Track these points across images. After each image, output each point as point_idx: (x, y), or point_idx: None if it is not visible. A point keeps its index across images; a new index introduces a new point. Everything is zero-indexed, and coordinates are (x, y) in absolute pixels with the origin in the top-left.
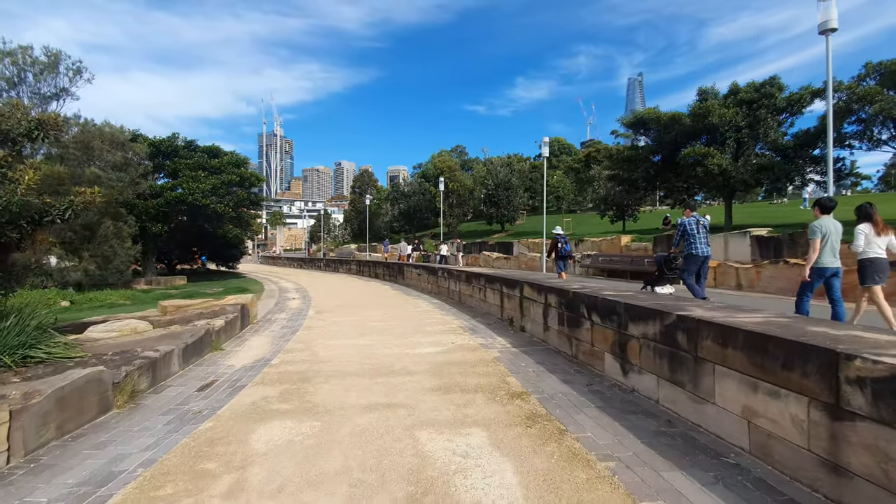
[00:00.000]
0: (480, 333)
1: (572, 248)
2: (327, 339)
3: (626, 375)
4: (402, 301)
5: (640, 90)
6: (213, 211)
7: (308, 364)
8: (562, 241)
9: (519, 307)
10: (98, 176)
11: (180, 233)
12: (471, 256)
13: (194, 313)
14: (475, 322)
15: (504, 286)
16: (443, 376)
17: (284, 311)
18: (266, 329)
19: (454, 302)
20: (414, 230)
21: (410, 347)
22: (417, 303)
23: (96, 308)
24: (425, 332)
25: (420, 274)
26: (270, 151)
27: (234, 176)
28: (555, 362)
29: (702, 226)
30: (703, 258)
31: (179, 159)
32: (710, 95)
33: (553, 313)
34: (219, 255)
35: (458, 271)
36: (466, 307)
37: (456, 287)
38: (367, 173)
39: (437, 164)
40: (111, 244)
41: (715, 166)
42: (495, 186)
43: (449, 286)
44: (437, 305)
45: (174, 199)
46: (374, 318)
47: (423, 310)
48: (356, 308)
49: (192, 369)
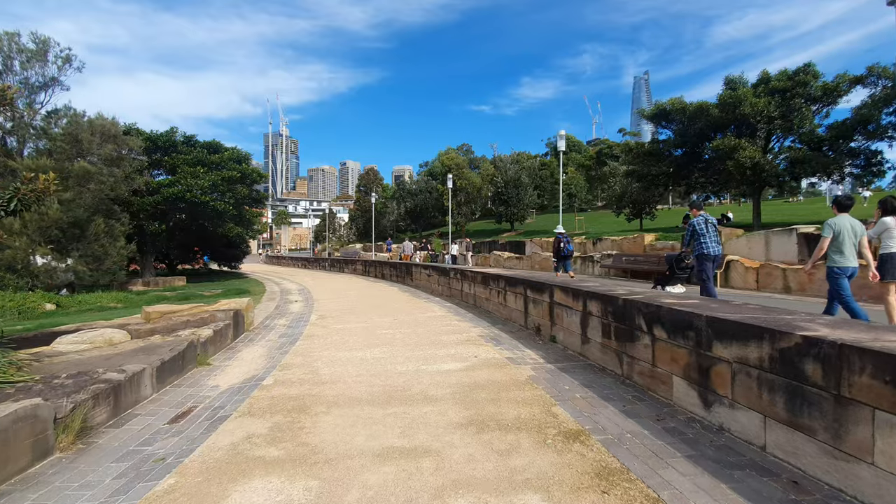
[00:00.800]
0: (504, 344)
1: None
2: (330, 351)
3: (707, 408)
4: (412, 305)
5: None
6: (212, 209)
7: (307, 385)
8: (564, 241)
9: (548, 314)
10: (87, 170)
11: (179, 232)
12: (480, 256)
13: (180, 321)
14: (496, 330)
15: (529, 290)
16: (471, 404)
17: (285, 315)
18: (262, 338)
19: (469, 306)
20: (420, 229)
21: (427, 362)
22: (429, 307)
23: (83, 312)
24: (442, 342)
25: (430, 275)
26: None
27: (235, 172)
28: (604, 385)
29: (711, 224)
30: (714, 257)
31: (178, 155)
32: (738, 84)
33: (595, 323)
34: (221, 254)
35: (473, 272)
36: (483, 312)
37: (470, 290)
38: (372, 172)
39: (445, 161)
40: (102, 243)
41: (747, 159)
42: (505, 184)
43: (462, 288)
44: (451, 310)
45: (172, 196)
46: (382, 324)
47: (436, 315)
48: (362, 313)
49: (169, 392)
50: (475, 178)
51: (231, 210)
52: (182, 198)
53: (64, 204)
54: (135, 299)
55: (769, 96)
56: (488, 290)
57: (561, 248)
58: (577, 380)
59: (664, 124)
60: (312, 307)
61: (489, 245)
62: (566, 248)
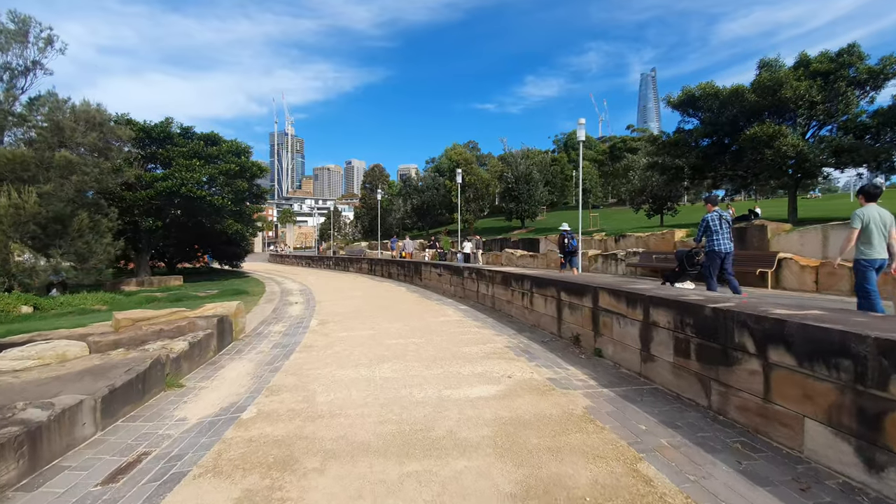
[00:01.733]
0: (539, 358)
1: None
2: (331, 369)
3: (876, 472)
4: (423, 307)
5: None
6: (209, 204)
7: (298, 421)
8: (568, 237)
9: (590, 322)
10: (70, 161)
11: (176, 228)
12: (491, 254)
13: (151, 331)
14: (524, 339)
15: (564, 293)
16: (522, 456)
17: (282, 320)
18: (252, 349)
19: (486, 309)
20: (427, 227)
21: (450, 385)
22: (442, 310)
23: (62, 316)
24: (464, 355)
25: (441, 274)
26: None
27: (234, 165)
28: (690, 422)
29: (725, 221)
30: (724, 254)
31: (173, 147)
32: (774, 67)
33: (663, 337)
34: (221, 252)
35: (491, 271)
36: (504, 316)
37: (488, 291)
38: (378, 168)
39: (453, 157)
40: (87, 240)
41: (789, 147)
42: (515, 180)
43: (479, 289)
44: (467, 313)
45: (165, 191)
46: (392, 331)
47: (452, 320)
48: (369, 317)
49: (120, 429)
50: (484, 174)
51: (230, 205)
52: (177, 192)
53: (44, 197)
54: (123, 301)
55: (810, 80)
56: (510, 292)
57: (565, 245)
58: (650, 414)
59: (691, 112)
60: (314, 310)
61: (500, 243)
62: (570, 244)
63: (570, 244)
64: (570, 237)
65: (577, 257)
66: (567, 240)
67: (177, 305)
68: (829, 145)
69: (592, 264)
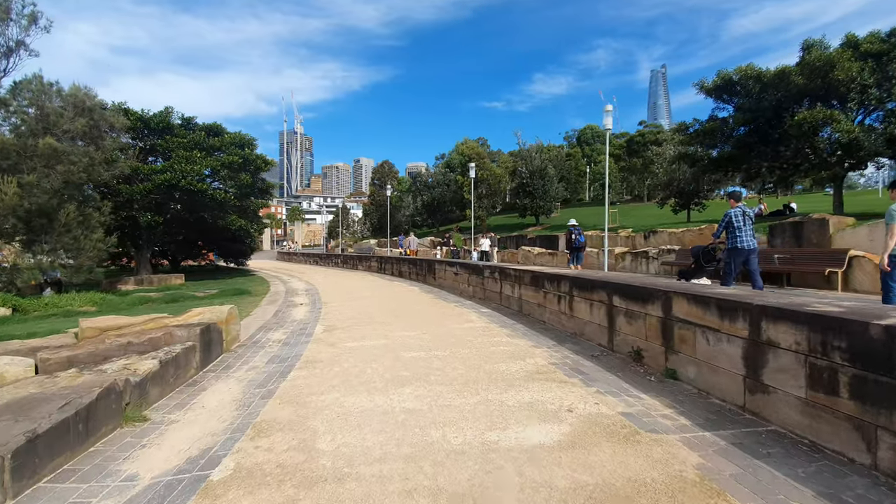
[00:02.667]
0: (598, 381)
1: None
2: (337, 394)
3: None
4: (441, 310)
5: (663, 82)
6: (210, 198)
7: (289, 489)
8: (575, 233)
9: (660, 335)
10: (55, 148)
11: (178, 225)
12: (507, 252)
13: (117, 344)
14: (567, 352)
15: (620, 297)
16: None
17: (284, 325)
18: (244, 364)
19: (513, 313)
20: (437, 224)
21: (495, 422)
22: (463, 313)
23: (43, 318)
24: (502, 375)
25: (458, 273)
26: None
27: (237, 157)
28: (862, 495)
29: (748, 217)
30: (749, 251)
31: (173, 138)
32: (818, 48)
33: (787, 362)
34: (226, 250)
35: (518, 271)
36: (535, 322)
37: (513, 292)
38: (387, 165)
39: (465, 151)
40: (74, 235)
41: (843, 134)
42: (530, 175)
43: (502, 290)
44: (491, 318)
45: (164, 184)
46: (410, 341)
47: (477, 326)
48: (381, 322)
49: (39, 495)
50: (496, 170)
51: (233, 200)
52: (176, 185)
53: (26, 188)
54: (115, 301)
55: (861, 61)
56: (541, 294)
57: (573, 240)
58: (796, 480)
59: (726, 98)
60: (319, 313)
61: (515, 240)
62: (577, 239)
63: (578, 240)
64: (578, 233)
65: (579, 255)
66: (574, 235)
67: (171, 307)
68: (883, 132)
69: (619, 262)
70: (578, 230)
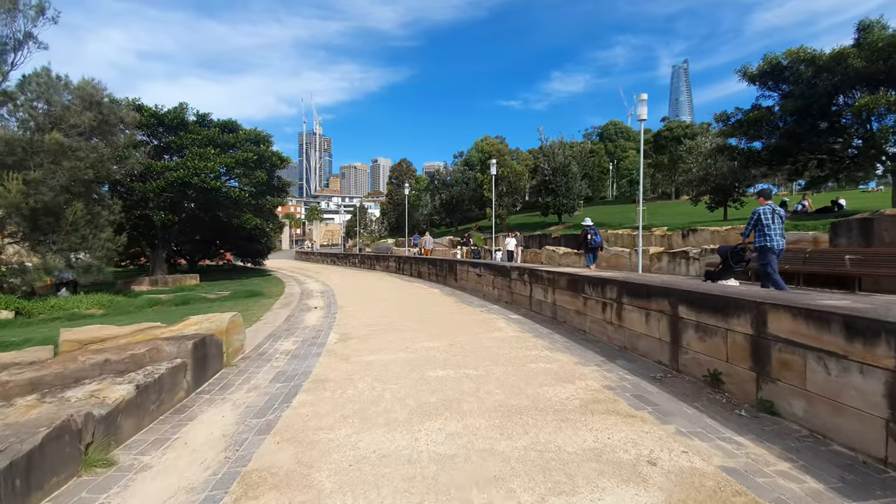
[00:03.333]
0: (673, 415)
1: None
2: (348, 429)
3: None
4: (467, 316)
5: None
6: (225, 196)
7: None
8: (591, 233)
9: (749, 357)
10: (61, 144)
11: (192, 224)
12: (530, 252)
13: (92, 362)
14: (622, 372)
15: (688, 308)
16: None
17: (295, 332)
18: (245, 382)
19: (546, 320)
20: (456, 223)
21: (557, 485)
22: (491, 320)
23: (48, 321)
24: (551, 403)
25: (481, 274)
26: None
27: (252, 154)
28: None
29: (778, 215)
30: (778, 251)
31: (187, 134)
32: (877, 29)
33: None
34: (243, 250)
35: (551, 273)
36: (573, 331)
37: (546, 297)
38: (405, 163)
39: (485, 148)
40: (82, 234)
41: None
42: (553, 171)
43: (532, 294)
44: (524, 326)
45: (177, 181)
46: (435, 354)
47: (509, 336)
48: (401, 329)
49: None
50: (517, 167)
51: (247, 198)
52: (189, 183)
53: (31, 185)
54: (123, 303)
55: None
56: (580, 300)
57: (588, 241)
58: None
59: (771, 85)
60: (334, 319)
61: (538, 239)
62: (594, 239)
63: (594, 240)
64: (594, 233)
65: (595, 255)
66: (590, 235)
67: (180, 309)
68: None
69: (655, 263)
70: (594, 230)
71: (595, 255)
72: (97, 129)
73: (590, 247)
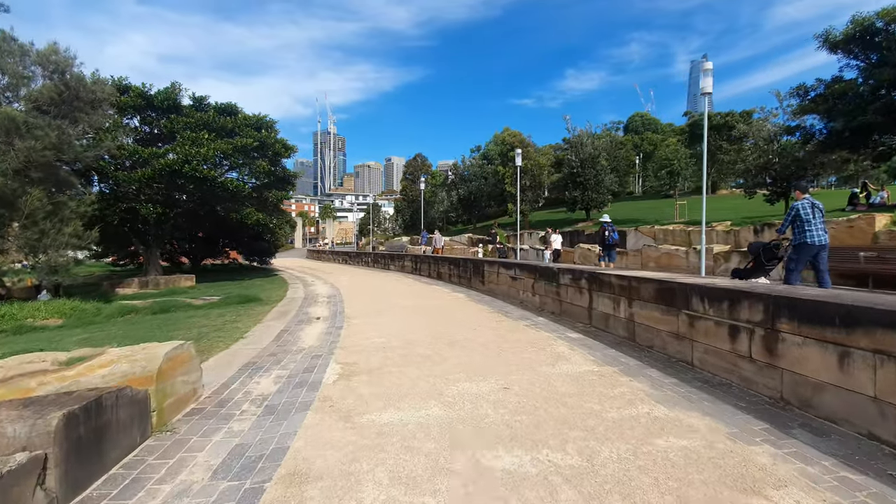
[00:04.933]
0: None
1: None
2: None
3: None
4: (509, 333)
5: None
6: (221, 187)
7: None
8: (609, 229)
9: None
10: (12, 118)
11: (190, 219)
12: None
13: None
14: (824, 459)
15: None
16: None
17: (282, 361)
18: (163, 482)
19: (618, 341)
20: (475, 220)
21: None
22: (543, 340)
23: None
24: None
25: (517, 277)
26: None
27: (251, 140)
28: None
29: (818, 209)
30: (819, 247)
31: (179, 118)
32: None
33: None
34: (249, 248)
35: (625, 279)
36: (668, 362)
37: (618, 310)
38: (419, 157)
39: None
40: (42, 228)
41: None
42: (581, 163)
43: (594, 306)
44: (593, 351)
45: (165, 169)
46: (485, 410)
47: (583, 370)
48: (429, 359)
49: None
50: (540, 160)
51: (247, 190)
52: (179, 172)
53: None
54: (90, 311)
55: None
56: (682, 320)
57: (605, 237)
58: None
59: (857, 53)
60: (338, 336)
61: (568, 237)
62: (611, 236)
63: (612, 237)
64: (612, 229)
65: (612, 252)
66: (608, 232)
67: (157, 319)
68: None
69: (721, 263)
70: (612, 227)
71: (612, 254)
72: (64, 105)
73: (607, 244)
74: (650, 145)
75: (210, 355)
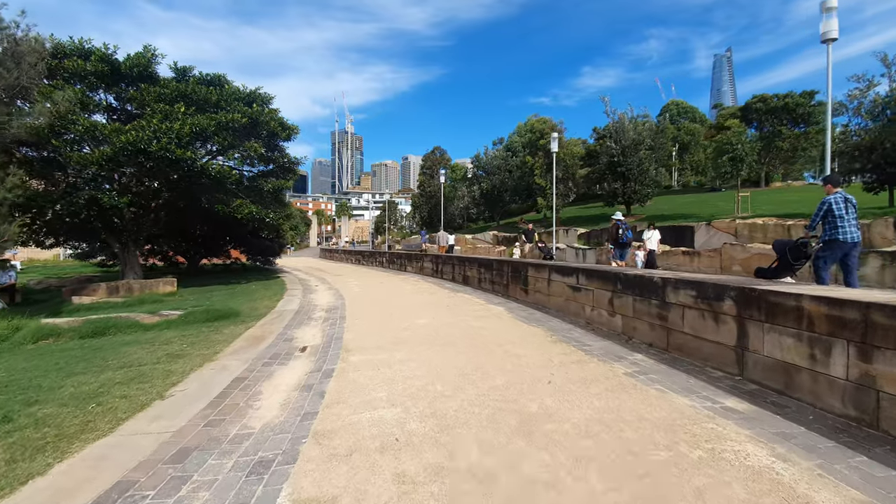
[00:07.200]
0: None
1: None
2: None
3: None
4: (601, 386)
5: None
6: (200, 171)
7: None
8: (623, 227)
9: None
10: None
11: (172, 212)
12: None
13: None
14: None
15: None
16: None
17: (230, 434)
18: None
19: (836, 428)
20: (498, 217)
21: None
22: (679, 411)
23: None
24: None
25: (580, 287)
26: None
27: (239, 115)
28: None
29: (850, 204)
30: (851, 245)
31: (150, 87)
32: None
33: None
34: (251, 247)
35: (849, 304)
36: None
37: (835, 364)
38: (438, 150)
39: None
40: None
41: None
42: (622, 151)
43: (751, 345)
44: (791, 447)
45: (128, 148)
46: None
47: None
48: (494, 477)
49: None
50: (574, 148)
51: (234, 176)
52: (145, 151)
53: None
54: None
55: None
56: None
57: (619, 236)
58: None
59: None
60: (322, 396)
61: (602, 235)
62: (624, 235)
63: (625, 235)
64: (626, 228)
65: (625, 251)
66: (622, 230)
67: (80, 350)
68: None
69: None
70: (625, 224)
71: (626, 252)
72: None
73: (620, 242)
74: (687, 135)
75: (50, 463)
